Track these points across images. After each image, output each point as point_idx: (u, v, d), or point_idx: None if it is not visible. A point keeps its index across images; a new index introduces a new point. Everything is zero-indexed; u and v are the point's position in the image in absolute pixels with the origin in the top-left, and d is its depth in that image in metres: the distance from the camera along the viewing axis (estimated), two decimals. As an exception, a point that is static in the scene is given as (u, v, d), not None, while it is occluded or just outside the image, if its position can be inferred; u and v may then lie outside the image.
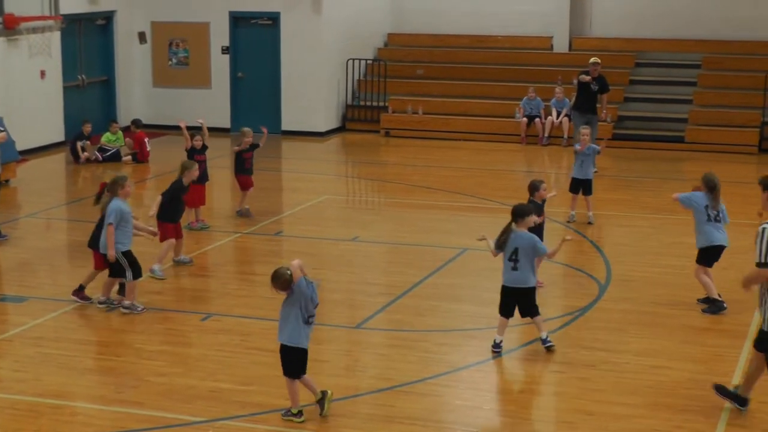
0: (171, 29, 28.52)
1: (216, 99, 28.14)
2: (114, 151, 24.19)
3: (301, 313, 10.27)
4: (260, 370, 11.73)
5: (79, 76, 27.02)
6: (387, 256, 16.91)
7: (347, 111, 28.67)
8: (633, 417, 10.67)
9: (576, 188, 18.33)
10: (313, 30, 27.36)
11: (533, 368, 11.99)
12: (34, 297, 14.40)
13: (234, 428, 10.38)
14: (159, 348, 12.62)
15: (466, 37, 29.83)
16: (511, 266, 12.36)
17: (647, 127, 26.38)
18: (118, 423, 10.49)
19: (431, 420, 10.64)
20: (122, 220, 13.54)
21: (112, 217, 13.45)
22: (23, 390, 11.27)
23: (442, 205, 19.86)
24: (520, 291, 12.31)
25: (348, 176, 24.38)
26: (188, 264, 15.79)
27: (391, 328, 13.36)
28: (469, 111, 27.42)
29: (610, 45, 28.70)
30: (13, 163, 21.52)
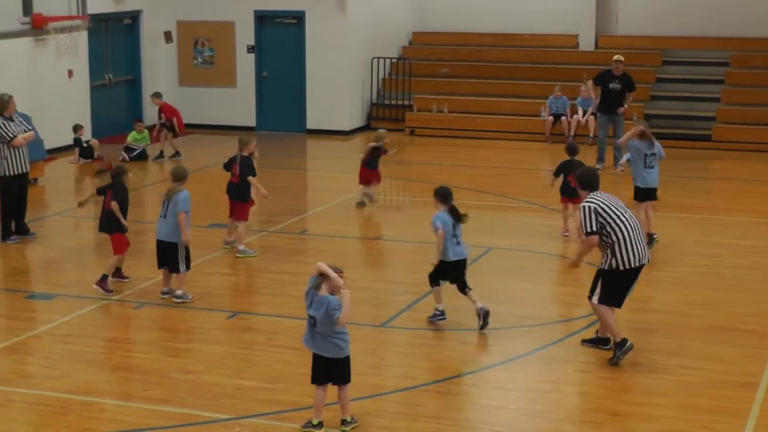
0: (196, 28, 28.59)
1: (241, 98, 28.20)
2: (140, 151, 24.25)
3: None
4: (286, 368, 11.76)
5: (105, 75, 27.12)
6: (412, 255, 16.90)
7: (372, 110, 28.69)
8: (660, 417, 10.65)
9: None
10: (338, 29, 27.38)
11: (559, 368, 11.97)
12: (62, 294, 14.48)
13: (259, 426, 10.42)
14: (185, 345, 12.68)
15: (492, 36, 29.79)
16: (455, 242, 13.16)
17: (674, 126, 26.27)
18: (144, 420, 10.54)
19: (457, 419, 10.65)
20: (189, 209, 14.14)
21: (187, 205, 13.96)
22: (52, 386, 11.34)
23: (467, 204, 19.74)
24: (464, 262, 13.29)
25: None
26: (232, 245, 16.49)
27: (416, 326, 13.36)
28: (495, 110, 27.38)
29: (636, 43, 28.60)
30: (41, 161, 21.63)
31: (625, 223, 11.86)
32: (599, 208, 11.86)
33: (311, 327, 10.10)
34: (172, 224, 14.03)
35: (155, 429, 10.35)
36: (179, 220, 13.93)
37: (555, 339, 12.76)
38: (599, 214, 11.84)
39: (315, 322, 10.03)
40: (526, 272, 15.80)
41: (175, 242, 14.07)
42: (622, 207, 12.09)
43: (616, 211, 11.92)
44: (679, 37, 28.46)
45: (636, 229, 11.93)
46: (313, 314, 10.01)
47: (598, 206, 11.88)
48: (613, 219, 11.85)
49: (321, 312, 9.96)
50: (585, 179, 12.41)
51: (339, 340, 10.13)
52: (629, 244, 11.81)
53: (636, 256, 11.87)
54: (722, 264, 15.99)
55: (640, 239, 11.96)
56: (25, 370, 12.05)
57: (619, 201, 12.19)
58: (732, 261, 16.16)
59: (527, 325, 13.32)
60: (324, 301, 9.97)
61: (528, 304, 14.22)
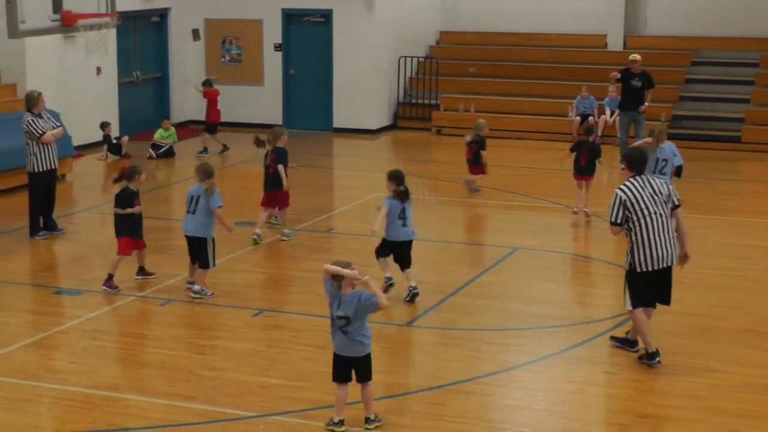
0: (224, 26, 28.67)
1: (268, 96, 28.25)
2: (167, 148, 24.33)
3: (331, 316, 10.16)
4: (311, 366, 11.77)
5: (133, 72, 27.23)
6: (437, 255, 16.89)
7: (399, 109, 28.69)
8: (688, 420, 10.60)
9: None
10: (366, 27, 27.40)
11: (585, 369, 11.94)
12: (89, 290, 14.54)
13: (284, 424, 10.43)
14: (211, 342, 12.71)
15: (519, 35, 29.76)
16: (401, 224, 14.00)
17: (703, 127, 26.18)
18: (170, 416, 10.57)
19: (481, 419, 10.63)
20: None
21: (221, 203, 14.20)
22: (79, 382, 11.39)
23: (494, 204, 19.83)
24: (406, 242, 14.13)
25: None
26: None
27: (441, 326, 13.36)
28: (522, 109, 27.35)
29: (665, 43, 28.52)
30: (69, 158, 21.74)
31: (649, 222, 11.62)
32: (628, 201, 11.64)
33: (338, 329, 10.09)
34: (201, 220, 14.13)
35: (180, 425, 10.38)
36: (217, 216, 14.19)
37: (580, 340, 12.72)
38: (626, 206, 11.66)
39: (347, 321, 10.00)
40: (551, 273, 15.77)
41: (204, 237, 14.20)
42: (656, 201, 11.69)
43: (645, 208, 11.63)
44: (708, 37, 28.36)
45: (661, 228, 11.66)
46: (344, 314, 9.99)
47: (628, 198, 11.64)
48: (638, 216, 11.63)
49: (353, 308, 9.96)
50: (630, 159, 12.08)
51: (363, 337, 10.12)
52: (648, 245, 11.64)
53: (654, 258, 11.64)
54: (751, 267, 15.91)
55: (663, 240, 11.66)
56: (52, 365, 12.11)
57: (663, 188, 11.76)
58: (761, 264, 16.08)
59: (552, 326, 13.29)
60: (354, 296, 9.97)
61: (553, 304, 14.19)
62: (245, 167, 22.92)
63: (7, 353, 12.25)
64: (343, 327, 10.03)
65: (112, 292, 14.38)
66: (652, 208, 11.71)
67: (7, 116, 21.05)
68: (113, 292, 14.37)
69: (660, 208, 11.74)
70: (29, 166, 17.19)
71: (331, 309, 10.09)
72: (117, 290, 14.41)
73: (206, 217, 14.15)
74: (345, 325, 10.01)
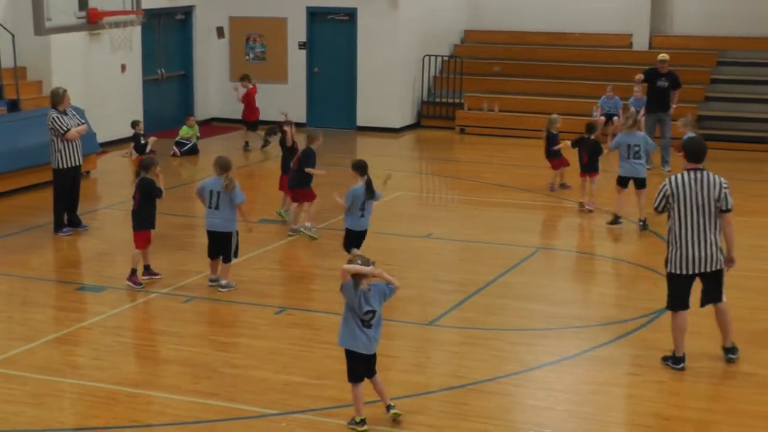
0: (248, 24, 28.71)
1: (292, 94, 28.26)
2: (191, 145, 24.38)
3: (353, 316, 10.14)
4: (333, 364, 11.76)
5: (158, 70, 27.31)
6: (460, 254, 16.89)
7: (422, 107, 28.67)
8: (712, 423, 10.56)
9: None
10: (390, 26, 27.39)
11: (608, 370, 11.90)
12: (113, 287, 14.59)
13: (306, 422, 10.43)
14: (233, 340, 12.72)
15: (544, 35, 29.70)
16: (360, 215, 14.74)
17: (729, 127, 26.06)
18: (192, 413, 10.58)
19: (503, 419, 10.61)
20: None
21: (244, 197, 14.35)
22: (101, 378, 11.42)
23: (517, 203, 19.79)
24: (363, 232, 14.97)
25: (422, 173, 24.37)
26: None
27: (463, 325, 13.34)
28: (546, 109, 27.17)
29: (691, 43, 28.40)
30: (93, 154, 21.81)
31: (688, 220, 11.43)
32: (673, 193, 11.50)
33: (363, 326, 10.11)
34: (227, 215, 14.25)
35: (203, 422, 10.39)
36: (241, 212, 14.38)
37: (603, 341, 12.69)
38: (668, 200, 11.57)
39: (374, 314, 10.08)
40: (574, 273, 15.75)
41: (229, 232, 14.30)
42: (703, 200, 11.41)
43: (688, 203, 11.40)
44: (734, 37, 28.23)
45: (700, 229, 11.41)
46: (372, 308, 10.06)
47: (673, 190, 11.50)
48: (679, 210, 11.47)
49: (377, 300, 10.10)
50: (688, 147, 11.90)
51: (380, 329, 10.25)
52: (683, 245, 11.50)
53: (686, 259, 11.51)
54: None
55: (700, 242, 11.45)
56: (75, 361, 12.15)
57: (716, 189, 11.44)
58: (788, 265, 16.03)
59: (575, 326, 13.26)
60: (375, 289, 10.07)
61: (576, 305, 14.16)
62: (269, 165, 22.94)
63: (31, 348, 12.30)
64: (369, 321, 10.08)
65: (136, 288, 14.41)
66: (695, 206, 11.45)
67: (32, 113, 21.15)
68: (137, 288, 14.40)
69: (706, 207, 11.45)
70: (54, 163, 17.26)
71: (355, 307, 10.08)
72: (141, 286, 14.44)
73: (231, 211, 14.30)
74: (371, 318, 10.08)
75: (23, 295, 14.77)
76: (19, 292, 14.89)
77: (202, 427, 10.31)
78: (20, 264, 15.80)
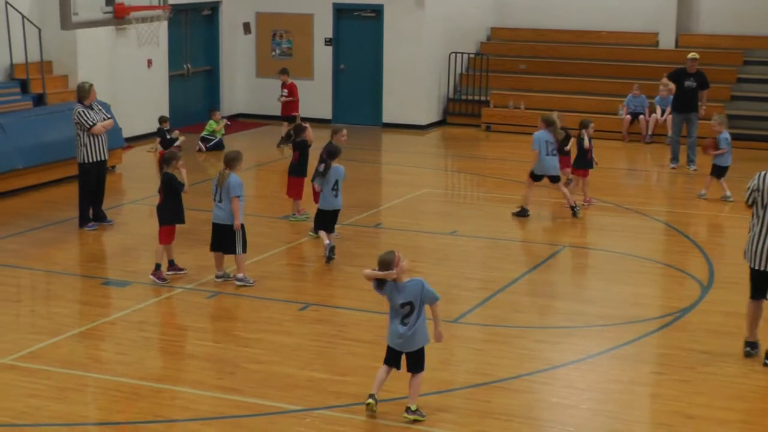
0: (275, 20, 28.73)
1: (318, 90, 28.27)
2: (217, 141, 24.41)
3: (394, 313, 10.33)
4: (357, 361, 11.77)
5: (184, 65, 27.35)
6: (485, 251, 16.86)
7: (448, 105, 28.64)
8: (735, 422, 10.51)
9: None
10: (416, 23, 27.36)
11: (631, 369, 11.86)
12: (137, 282, 14.62)
13: (330, 418, 10.43)
14: (257, 336, 12.72)
15: (570, 33, 29.62)
16: (333, 195, 15.63)
17: (755, 127, 25.92)
18: (216, 408, 10.60)
19: (527, 417, 10.59)
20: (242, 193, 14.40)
21: (239, 190, 14.26)
22: (125, 372, 11.44)
23: (542, 201, 19.73)
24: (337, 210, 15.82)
25: (448, 170, 24.35)
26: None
27: (488, 323, 13.31)
28: (572, 107, 27.16)
29: (717, 42, 28.26)
30: (119, 149, 21.87)
31: (760, 219, 11.72)
32: (757, 190, 11.76)
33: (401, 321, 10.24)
34: (229, 209, 14.28)
35: (227, 418, 10.40)
36: (233, 206, 14.26)
37: (628, 339, 12.65)
38: (755, 194, 11.79)
39: (411, 307, 10.20)
40: (599, 271, 15.70)
41: (230, 224, 14.35)
42: None
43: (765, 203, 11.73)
44: (761, 36, 28.07)
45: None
46: (406, 300, 10.20)
47: (759, 184, 11.75)
48: (761, 205, 11.73)
49: (417, 291, 10.22)
50: None
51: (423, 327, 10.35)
52: (755, 240, 11.76)
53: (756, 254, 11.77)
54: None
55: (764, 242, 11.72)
56: (99, 355, 12.18)
57: None
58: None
59: (599, 325, 13.22)
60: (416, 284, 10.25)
61: (600, 303, 14.11)
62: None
63: (55, 343, 12.33)
64: (406, 316, 10.18)
65: (160, 283, 14.44)
66: None
67: (58, 107, 21.23)
68: (162, 283, 14.43)
69: None
70: (79, 157, 17.31)
71: (391, 303, 10.30)
72: (165, 282, 14.47)
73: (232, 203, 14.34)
74: (409, 312, 10.18)
75: (48, 289, 14.83)
76: (43, 286, 14.96)
77: (225, 423, 10.32)
78: (45, 258, 15.86)
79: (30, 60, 21.75)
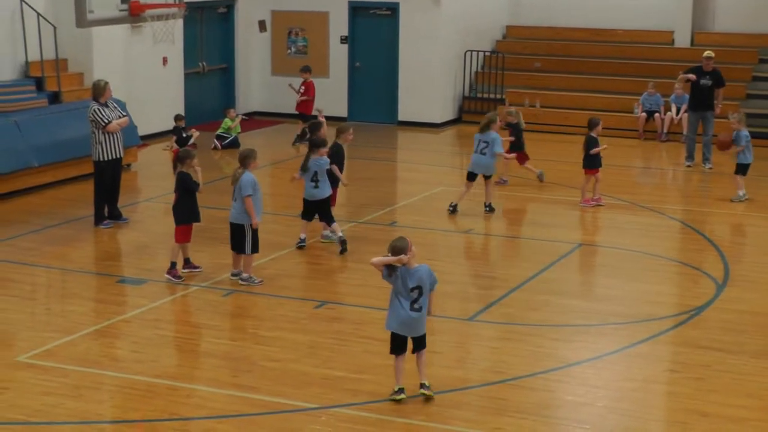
0: (290, 18, 28.74)
1: (334, 88, 28.27)
2: (232, 139, 24.42)
3: (400, 300, 10.56)
4: (372, 359, 11.77)
5: (199, 63, 27.39)
6: (500, 250, 16.86)
7: (464, 103, 28.62)
8: (750, 420, 10.49)
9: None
10: (432, 21, 27.35)
11: (646, 366, 11.84)
12: (153, 280, 14.64)
13: (345, 416, 10.44)
14: (273, 334, 12.73)
15: (586, 31, 29.58)
16: (313, 186, 15.89)
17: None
18: (231, 406, 10.61)
19: (542, 415, 10.58)
20: (255, 191, 14.31)
21: (249, 189, 14.23)
22: (140, 371, 11.46)
23: (557, 200, 19.72)
24: (319, 201, 15.98)
25: (463, 168, 24.18)
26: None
27: (504, 321, 13.30)
28: (587, 105, 27.16)
29: (732, 40, 28.19)
30: (134, 147, 21.90)
31: None
32: None
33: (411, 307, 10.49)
34: (240, 207, 14.30)
35: (242, 416, 10.41)
36: (246, 205, 14.25)
37: (643, 337, 12.63)
38: None
39: (420, 292, 10.49)
40: (614, 269, 15.67)
41: (242, 224, 14.35)
42: None
43: None
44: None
45: None
46: (416, 284, 10.49)
47: None
48: None
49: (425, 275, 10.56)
50: None
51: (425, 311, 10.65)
52: None
53: None
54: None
55: None
56: (114, 353, 12.20)
57: None
58: (827, 263, 15.90)
59: (615, 323, 13.20)
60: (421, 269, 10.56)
61: (616, 301, 14.09)
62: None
63: (71, 341, 12.36)
64: (416, 300, 10.47)
65: (175, 281, 14.47)
66: None
67: (73, 105, 21.27)
68: (177, 281, 14.46)
69: None
70: (94, 155, 17.34)
71: (401, 289, 10.52)
72: (181, 280, 14.49)
73: (243, 204, 14.34)
74: (418, 297, 10.47)
75: (63, 287, 14.86)
76: (59, 284, 14.99)
77: (240, 421, 10.33)
78: (60, 256, 15.90)
79: (45, 58, 21.78)
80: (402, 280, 10.51)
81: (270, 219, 17.24)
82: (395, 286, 10.57)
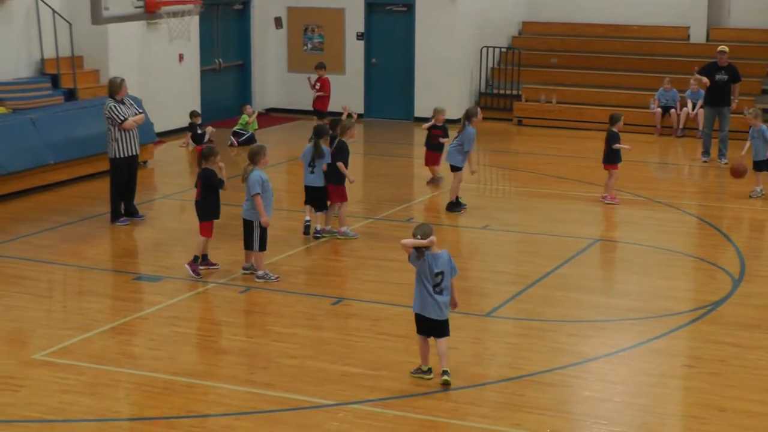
0: (306, 15, 28.75)
1: (350, 85, 28.27)
2: (248, 135, 24.43)
3: (425, 283, 10.85)
4: (390, 355, 11.77)
5: (215, 60, 27.41)
6: (517, 245, 16.83)
7: (480, 99, 28.59)
8: (767, 415, 10.46)
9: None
10: (448, 17, 27.32)
11: (663, 362, 11.82)
12: (169, 277, 14.65)
13: (363, 412, 10.43)
14: (290, 330, 12.73)
15: (601, 26, 29.53)
16: (309, 171, 16.32)
17: (786, 121, 25.80)
18: (248, 403, 10.61)
19: (559, 410, 10.56)
20: (264, 189, 14.25)
21: (258, 187, 14.21)
22: (157, 368, 11.47)
23: (574, 195, 19.69)
24: (315, 188, 16.33)
25: (479, 164, 24.25)
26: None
27: (521, 317, 13.30)
28: (603, 101, 27.10)
29: (748, 36, 28.12)
30: (151, 144, 21.93)
31: None
32: None
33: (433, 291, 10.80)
34: (251, 204, 14.34)
35: (260, 413, 10.41)
36: (255, 203, 14.26)
37: (660, 333, 12.60)
38: None
39: (443, 277, 10.80)
40: (631, 265, 15.63)
41: (250, 220, 14.38)
42: None
43: None
44: (793, 29, 27.93)
45: None
46: (440, 269, 10.83)
47: None
48: None
49: (447, 260, 10.91)
50: None
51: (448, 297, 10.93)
52: None
53: None
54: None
55: None
56: (131, 350, 12.20)
57: None
58: None
59: (632, 318, 13.17)
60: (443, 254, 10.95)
61: (633, 296, 14.06)
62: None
63: (87, 338, 12.38)
64: (438, 284, 10.79)
65: (194, 276, 14.46)
66: None
67: (89, 102, 21.31)
68: (196, 277, 14.45)
69: None
70: (111, 152, 17.36)
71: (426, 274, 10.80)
72: (199, 276, 14.49)
73: (251, 200, 14.36)
74: (441, 281, 10.79)
75: (80, 284, 14.89)
76: (75, 281, 15.02)
77: (258, 418, 10.34)
78: (77, 253, 15.92)
79: (61, 55, 21.84)
80: (429, 263, 10.77)
81: (285, 215, 17.26)
82: (421, 269, 10.81)
